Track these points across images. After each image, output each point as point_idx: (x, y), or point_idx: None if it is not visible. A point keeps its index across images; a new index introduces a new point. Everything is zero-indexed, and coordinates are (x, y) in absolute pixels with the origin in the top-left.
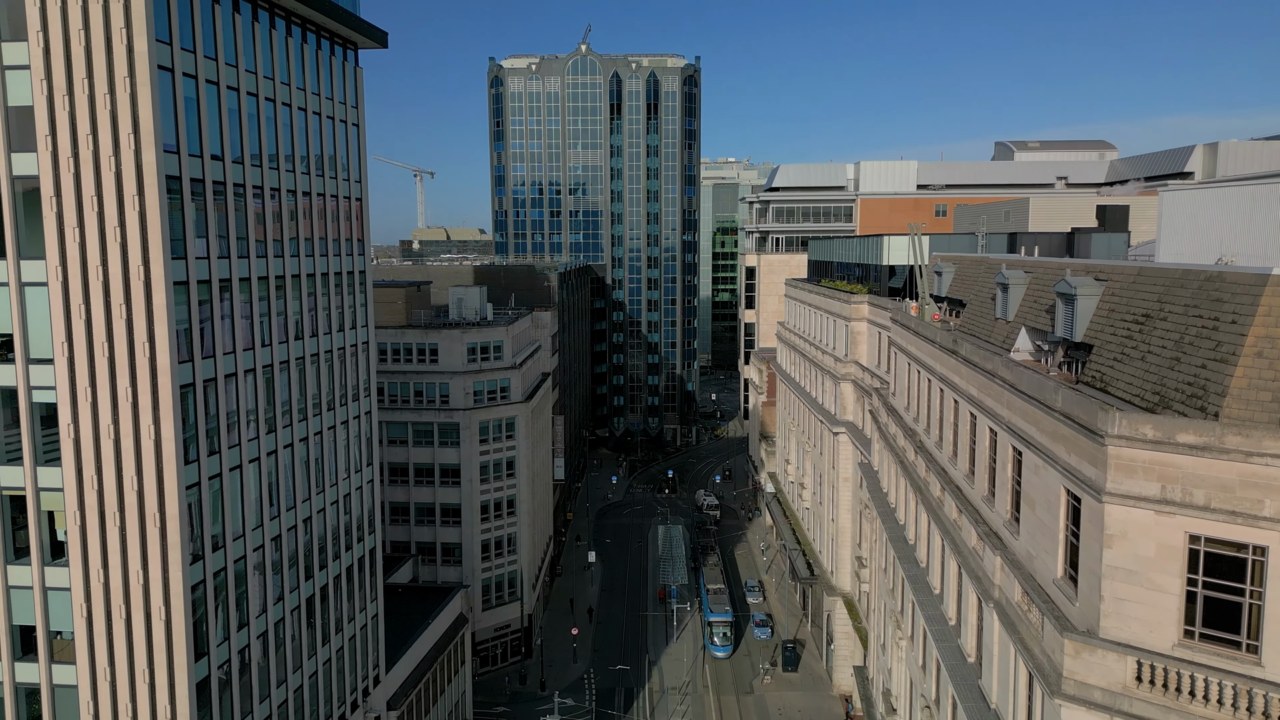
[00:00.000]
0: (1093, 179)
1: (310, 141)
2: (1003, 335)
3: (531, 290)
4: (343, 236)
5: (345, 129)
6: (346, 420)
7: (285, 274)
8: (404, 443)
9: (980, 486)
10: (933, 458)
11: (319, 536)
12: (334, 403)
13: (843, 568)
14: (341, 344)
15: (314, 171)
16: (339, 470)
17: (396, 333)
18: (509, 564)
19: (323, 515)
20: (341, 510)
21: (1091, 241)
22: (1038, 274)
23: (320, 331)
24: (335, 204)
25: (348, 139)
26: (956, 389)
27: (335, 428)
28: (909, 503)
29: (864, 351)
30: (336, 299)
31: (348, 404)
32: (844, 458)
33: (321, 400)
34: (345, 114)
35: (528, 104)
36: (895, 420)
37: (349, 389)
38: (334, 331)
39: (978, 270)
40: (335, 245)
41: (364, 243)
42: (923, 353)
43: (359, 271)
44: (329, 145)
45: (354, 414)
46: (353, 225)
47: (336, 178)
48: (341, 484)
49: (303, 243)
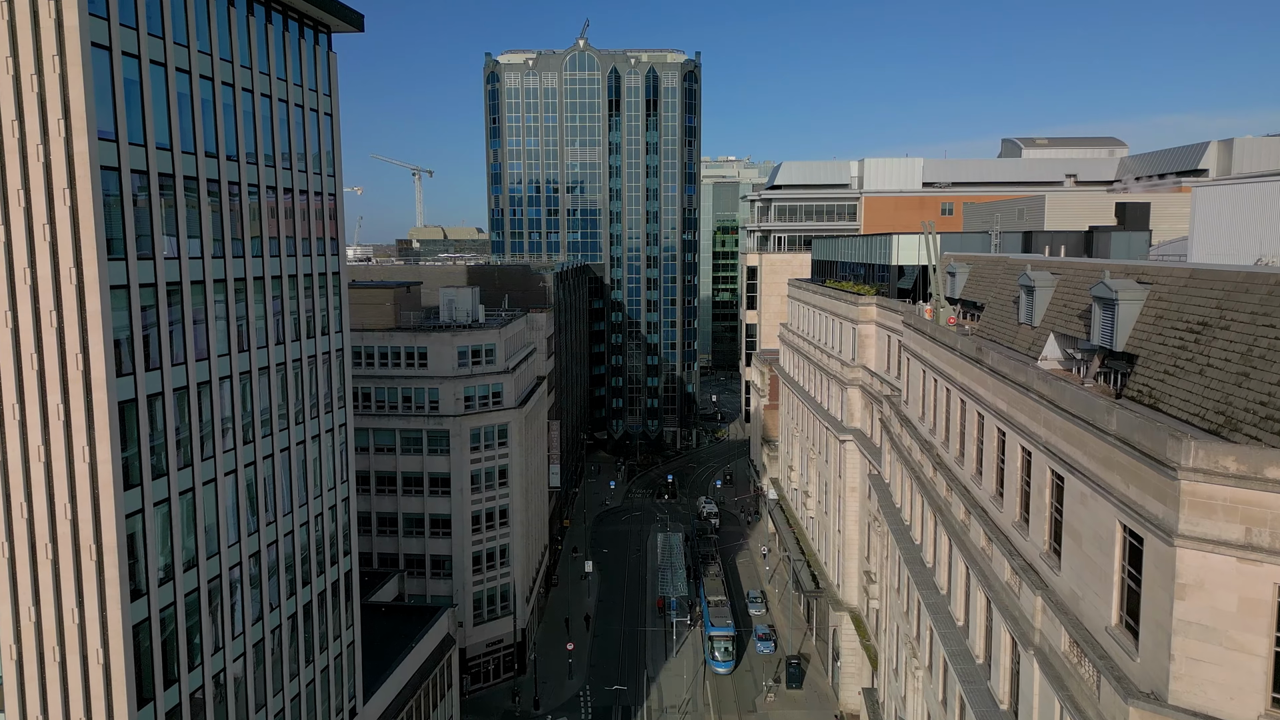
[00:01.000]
0: (1102, 176)
1: (276, 131)
2: (1028, 342)
3: (527, 291)
4: (314, 235)
5: (317, 119)
6: (319, 434)
7: (246, 276)
8: (391, 450)
9: (1010, 511)
10: (954, 476)
11: (287, 562)
12: (304, 415)
13: (849, 581)
14: (313, 351)
15: (280, 164)
16: (310, 488)
17: (384, 335)
18: (501, 577)
19: (291, 538)
20: (313, 531)
21: (1111, 240)
22: (1066, 275)
23: (288, 338)
24: (306, 200)
25: (320, 130)
26: (981, 402)
27: (306, 442)
28: (926, 522)
29: (872, 356)
30: (307, 302)
31: (320, 416)
32: (851, 466)
33: (290, 413)
34: (317, 102)
35: (524, 100)
36: (909, 431)
37: (322, 399)
38: (304, 338)
39: (995, 271)
40: (306, 245)
41: (339, 242)
42: (940, 360)
43: (333, 273)
44: (298, 136)
45: (327, 426)
46: (326, 223)
47: (307, 172)
48: (313, 503)
49: (267, 242)
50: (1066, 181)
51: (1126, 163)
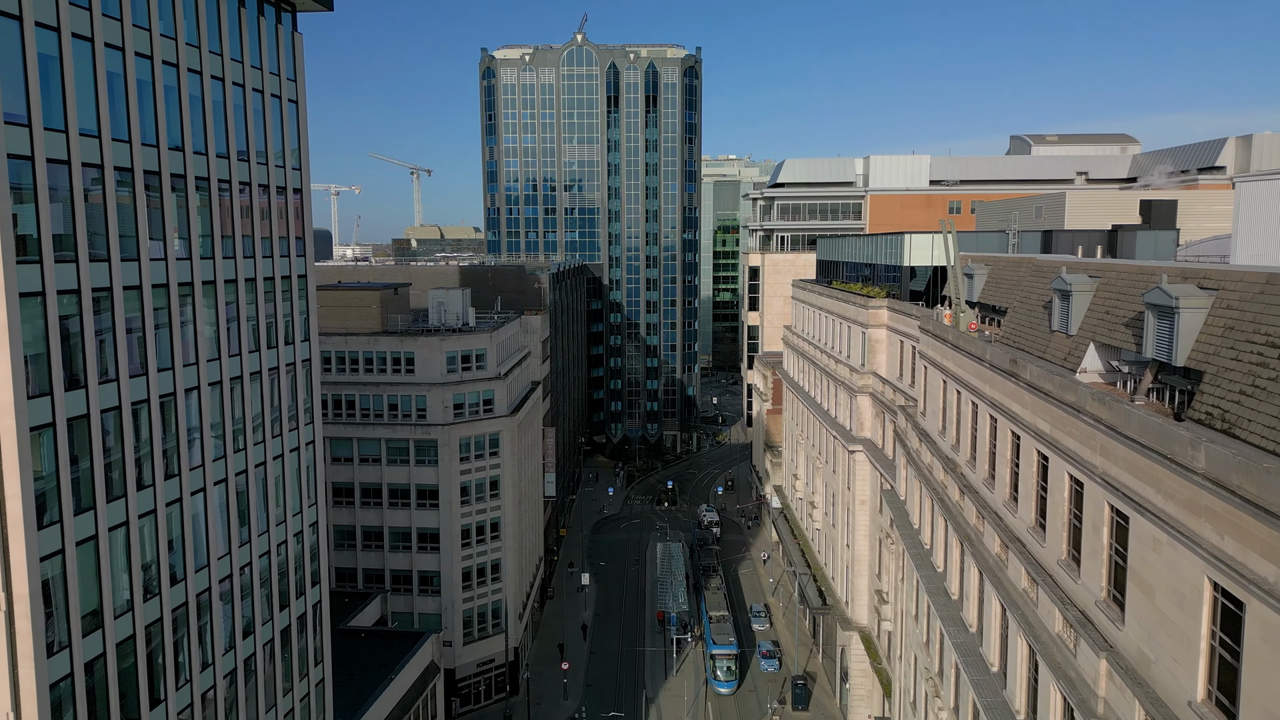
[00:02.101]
0: (1115, 174)
1: (230, 119)
2: (1063, 351)
3: (521, 292)
4: (276, 235)
5: (280, 106)
6: (282, 454)
7: (194, 281)
8: (377, 461)
9: (1056, 547)
10: (984, 501)
11: (245, 598)
12: (265, 433)
13: (859, 599)
14: (275, 362)
15: (236, 156)
16: (273, 514)
17: (369, 340)
18: (493, 593)
19: (249, 571)
20: (276, 561)
21: (1137, 240)
22: (1107, 279)
23: (245, 349)
24: (266, 196)
25: (283, 118)
26: (1017, 420)
27: (267, 463)
28: (950, 549)
29: (883, 362)
30: (268, 308)
31: (284, 433)
32: (861, 478)
33: (247, 431)
34: (280, 88)
35: (521, 96)
36: (929, 447)
37: (286, 415)
38: (264, 348)
39: (1018, 272)
40: (266, 245)
41: (304, 241)
42: (965, 371)
43: (299, 276)
44: (256, 125)
45: (292, 445)
46: (290, 221)
47: (268, 165)
48: (275, 530)
49: (219, 242)
50: (1078, 179)
51: (1140, 160)
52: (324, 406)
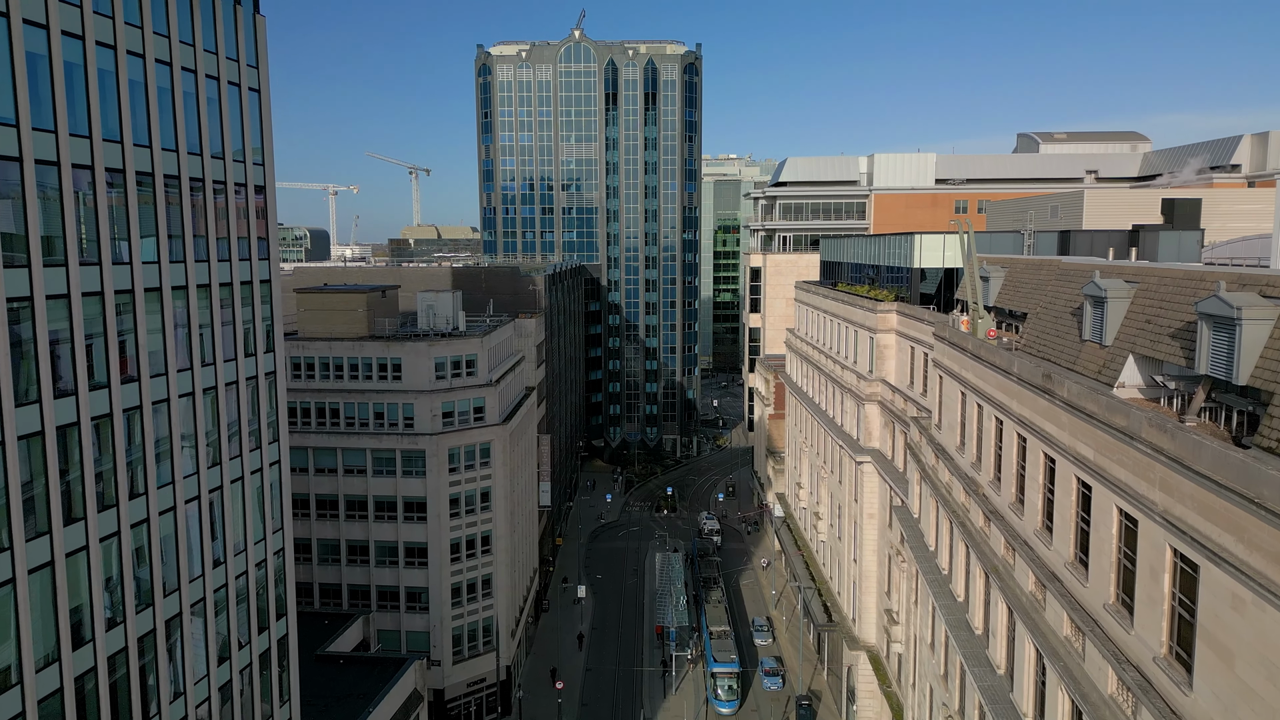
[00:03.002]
0: (1125, 172)
1: (179, 109)
2: (1096, 364)
3: (516, 294)
4: (235, 235)
5: (239, 95)
6: (241, 477)
7: (134, 287)
8: (362, 472)
9: (1101, 589)
10: (1013, 530)
11: (196, 638)
12: (221, 455)
13: (867, 616)
14: (233, 376)
15: (185, 150)
16: (230, 543)
17: (355, 345)
18: (484, 610)
19: (202, 608)
20: (234, 596)
21: (1160, 240)
22: (1147, 284)
23: (197, 362)
24: (222, 193)
25: (242, 108)
26: (1051, 442)
27: (223, 488)
28: (974, 579)
29: (892, 368)
30: (224, 316)
31: (244, 454)
32: (869, 491)
33: (199, 454)
34: (239, 75)
35: (517, 94)
36: (946, 464)
37: (246, 434)
38: (220, 361)
39: (1039, 275)
40: (222, 247)
41: (268, 243)
42: (987, 383)
43: (261, 281)
44: (211, 115)
45: (254, 466)
46: (252, 221)
47: (224, 159)
48: (234, 562)
49: (166, 244)
50: (1087, 178)
51: (1151, 158)
52: (307, 415)
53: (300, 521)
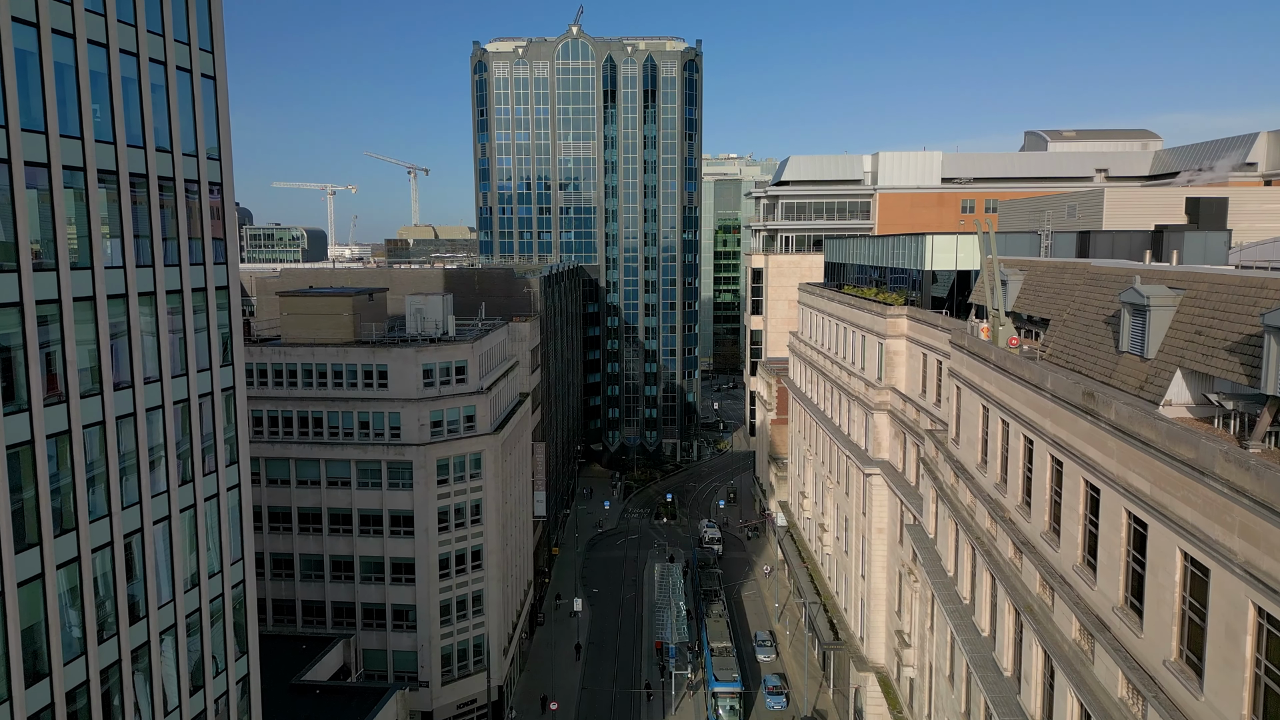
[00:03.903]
0: (1136, 171)
1: (116, 97)
2: (1137, 378)
3: (510, 297)
4: (185, 237)
5: (190, 82)
6: (194, 504)
7: (61, 296)
8: (346, 484)
9: (1161, 642)
10: (1048, 564)
11: (142, 684)
12: (169, 480)
13: (876, 636)
14: (184, 394)
15: (123, 141)
16: (180, 579)
17: (339, 351)
18: (474, 628)
19: (146, 653)
20: (184, 638)
21: (1185, 241)
22: (1196, 291)
23: (139, 379)
24: (172, 191)
25: (194, 96)
26: (1095, 469)
27: (171, 518)
28: (1003, 615)
29: (902, 376)
30: (173, 326)
31: (195, 480)
32: (878, 504)
33: (142, 480)
34: (190, 60)
35: (514, 91)
36: (967, 484)
37: (199, 456)
38: (168, 377)
39: (1061, 279)
40: (172, 251)
41: (225, 245)
42: (1013, 398)
43: (218, 287)
44: (157, 104)
45: (209, 492)
46: (206, 222)
47: (172, 152)
48: (185, 599)
49: (100, 247)
50: (1097, 176)
51: (1163, 156)
52: (289, 424)
53: (282, 536)
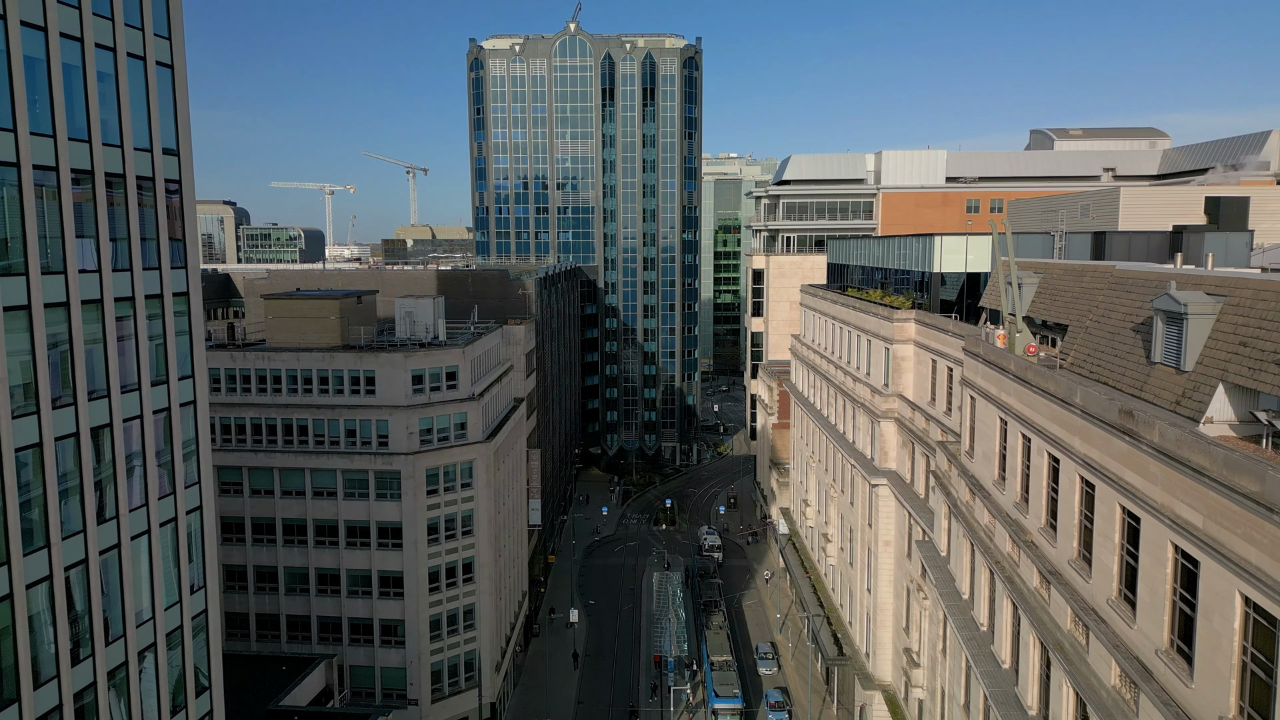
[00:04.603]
0: (1144, 170)
1: (55, 86)
2: (1173, 392)
3: (504, 299)
4: (138, 238)
5: (144, 71)
6: (148, 530)
7: None
8: (332, 495)
9: (1217, 695)
10: (1080, 599)
11: None
12: (118, 504)
13: (882, 652)
14: (137, 410)
15: (64, 134)
16: (130, 612)
17: (325, 357)
18: (466, 643)
19: (92, 693)
20: (135, 677)
21: (1205, 242)
22: (1239, 299)
23: (81, 395)
24: (120, 188)
25: (148, 87)
26: (1135, 496)
27: (121, 547)
28: (1027, 649)
29: (910, 383)
30: (123, 334)
31: (150, 505)
32: (884, 516)
33: (86, 505)
34: (143, 46)
35: (511, 89)
36: (984, 502)
37: (155, 477)
38: (117, 392)
39: (1080, 283)
40: (123, 254)
41: (184, 247)
42: (1038, 413)
43: (175, 293)
44: (105, 95)
45: (165, 516)
46: (161, 222)
47: (122, 147)
48: (137, 634)
49: (36, 250)
50: (1104, 175)
51: (1171, 155)
52: (273, 432)
53: (266, 548)
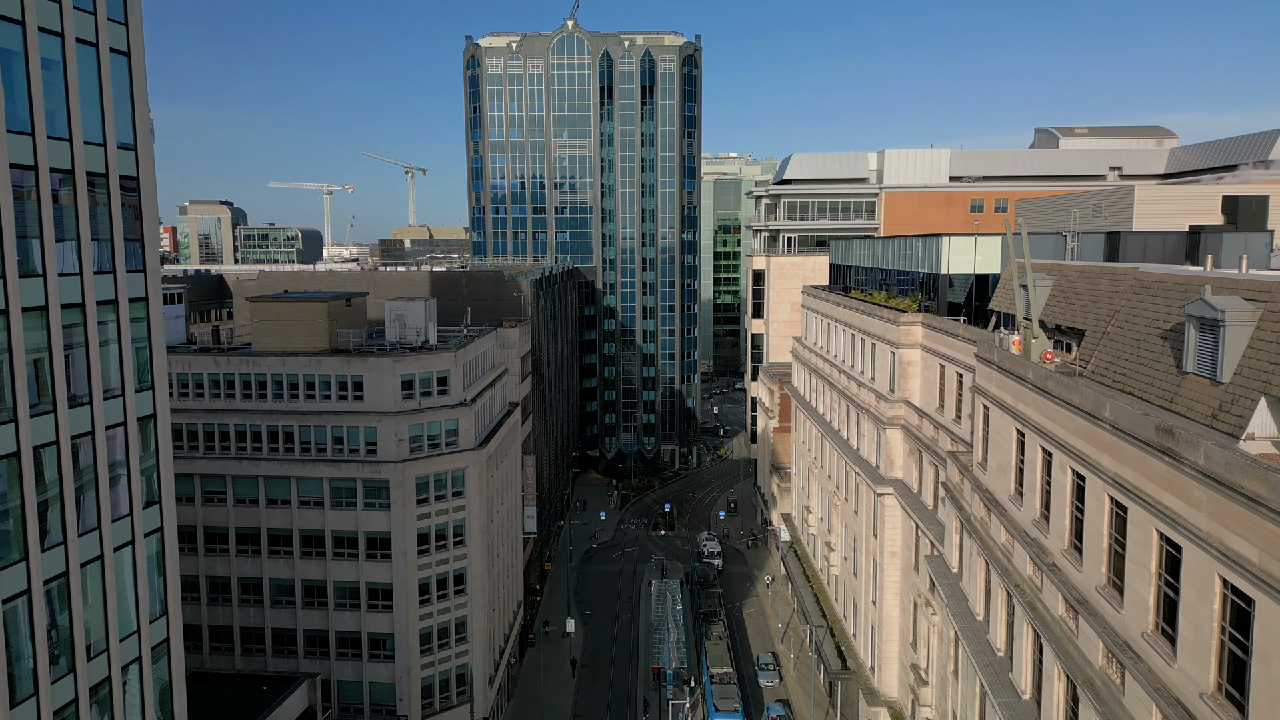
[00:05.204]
0: (1151, 169)
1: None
2: (1209, 405)
3: (499, 301)
4: (85, 239)
5: (95, 58)
6: (101, 556)
7: None
8: (319, 504)
9: None
10: (1112, 631)
11: None
12: (65, 531)
13: (888, 668)
14: (87, 425)
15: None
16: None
17: (311, 362)
18: (457, 656)
19: None
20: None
21: (1223, 243)
22: None
23: (24, 410)
24: (70, 185)
25: (101, 75)
26: (1181, 526)
27: (69, 575)
28: (1054, 686)
29: (917, 388)
30: (72, 342)
31: (103, 526)
32: (890, 526)
33: (29, 529)
34: (94, 31)
35: (507, 87)
36: (1000, 518)
37: (107, 498)
38: (62, 407)
39: (1098, 285)
40: (67, 256)
41: (143, 249)
42: (1060, 426)
43: (132, 299)
44: (53, 83)
45: (121, 539)
46: (115, 222)
47: (70, 140)
48: (86, 670)
49: None
50: (1110, 175)
51: (1178, 154)
52: (258, 439)
53: (250, 559)
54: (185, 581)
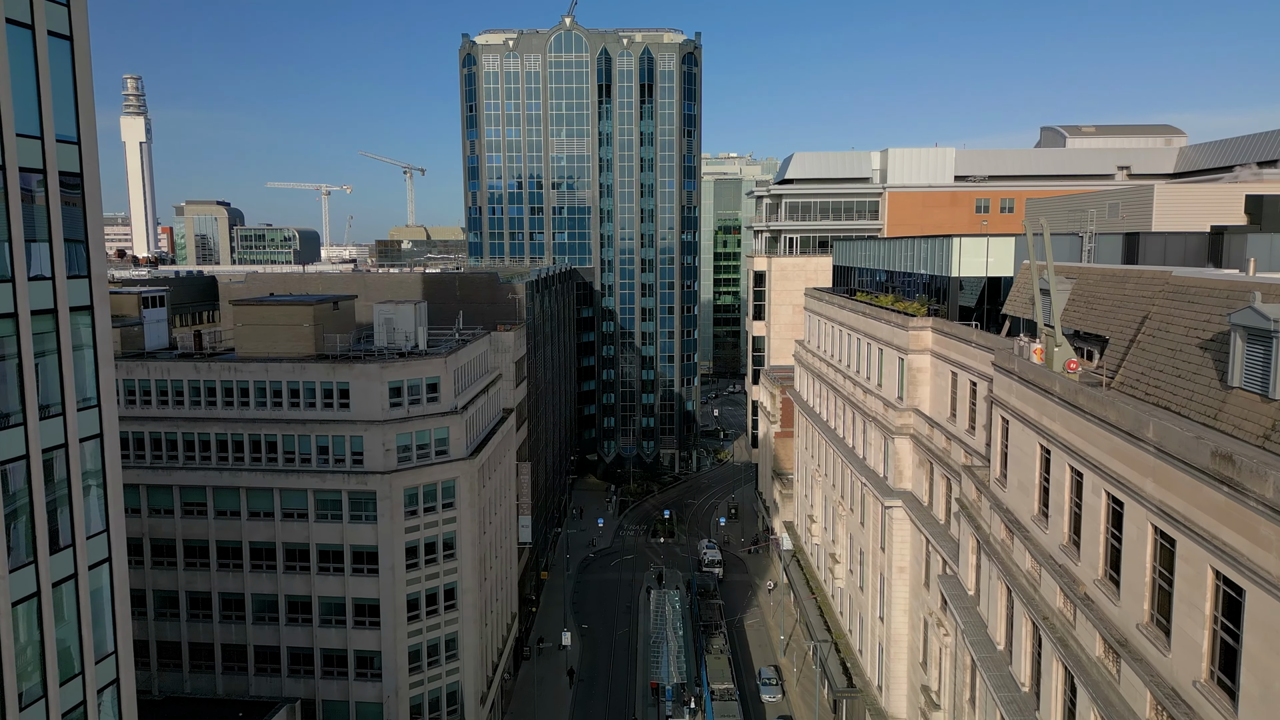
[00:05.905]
0: (1160, 169)
1: None
2: (1261, 423)
3: (494, 303)
4: (21, 241)
5: (31, 41)
6: (38, 591)
7: None
8: (303, 516)
9: None
10: (1159, 677)
11: None
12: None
13: (896, 686)
14: (21, 449)
15: None
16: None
17: (295, 368)
18: (448, 674)
19: None
20: None
21: (1247, 244)
22: None
23: None
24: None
25: (38, 62)
26: (1240, 563)
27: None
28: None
29: (927, 396)
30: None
31: (39, 562)
32: (899, 540)
33: None
34: (30, 12)
35: (504, 85)
36: (1022, 540)
37: (44, 529)
38: None
39: (1122, 290)
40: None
41: (87, 252)
42: (1094, 445)
43: (74, 307)
44: None
45: (63, 573)
46: (52, 223)
47: (1, 133)
48: (24, 718)
49: None
50: (1118, 174)
51: (1187, 153)
52: (240, 449)
53: (232, 574)
54: (164, 597)
